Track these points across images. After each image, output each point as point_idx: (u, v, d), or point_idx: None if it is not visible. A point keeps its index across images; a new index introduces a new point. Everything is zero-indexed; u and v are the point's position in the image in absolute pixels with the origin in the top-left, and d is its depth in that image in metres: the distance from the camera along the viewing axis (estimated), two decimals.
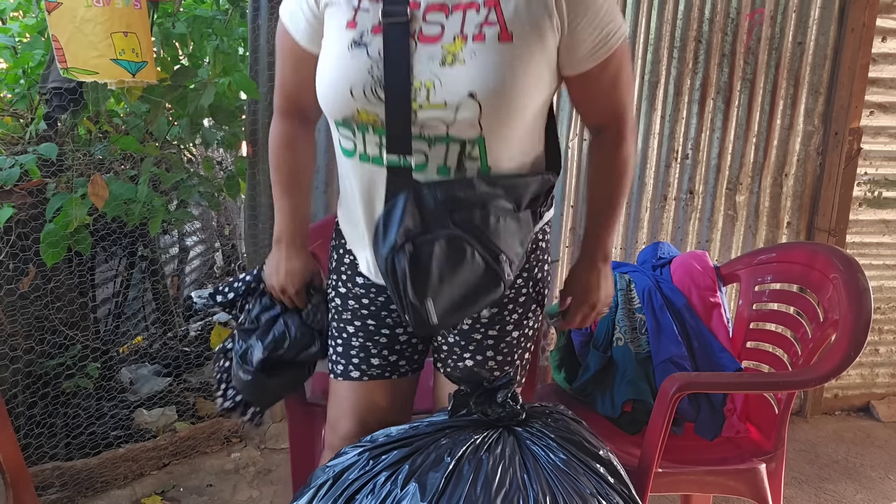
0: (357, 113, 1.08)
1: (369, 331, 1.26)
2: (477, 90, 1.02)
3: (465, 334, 1.25)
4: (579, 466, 1.04)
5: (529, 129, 1.13)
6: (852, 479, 2.31)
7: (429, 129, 1.05)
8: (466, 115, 1.03)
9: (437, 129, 1.05)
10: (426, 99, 1.04)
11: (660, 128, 2.43)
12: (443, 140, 1.06)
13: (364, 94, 1.06)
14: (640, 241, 2.51)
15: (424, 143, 1.07)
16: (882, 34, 2.50)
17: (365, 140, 1.11)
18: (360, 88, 1.06)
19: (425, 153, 1.07)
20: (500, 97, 1.04)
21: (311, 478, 1.11)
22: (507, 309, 1.23)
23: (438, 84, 1.04)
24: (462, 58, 1.03)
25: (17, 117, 2.08)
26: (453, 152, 1.07)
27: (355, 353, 1.27)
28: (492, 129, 1.06)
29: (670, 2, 2.33)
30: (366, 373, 1.27)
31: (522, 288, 1.23)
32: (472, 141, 1.07)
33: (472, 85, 1.03)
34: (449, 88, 1.03)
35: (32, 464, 1.95)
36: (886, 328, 2.79)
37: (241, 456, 2.28)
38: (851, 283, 1.43)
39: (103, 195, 1.91)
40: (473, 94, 1.02)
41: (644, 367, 1.71)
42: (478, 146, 1.07)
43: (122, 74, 1.75)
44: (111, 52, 1.71)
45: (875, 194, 2.65)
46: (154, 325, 2.81)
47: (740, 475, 1.49)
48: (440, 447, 1.04)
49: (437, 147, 1.07)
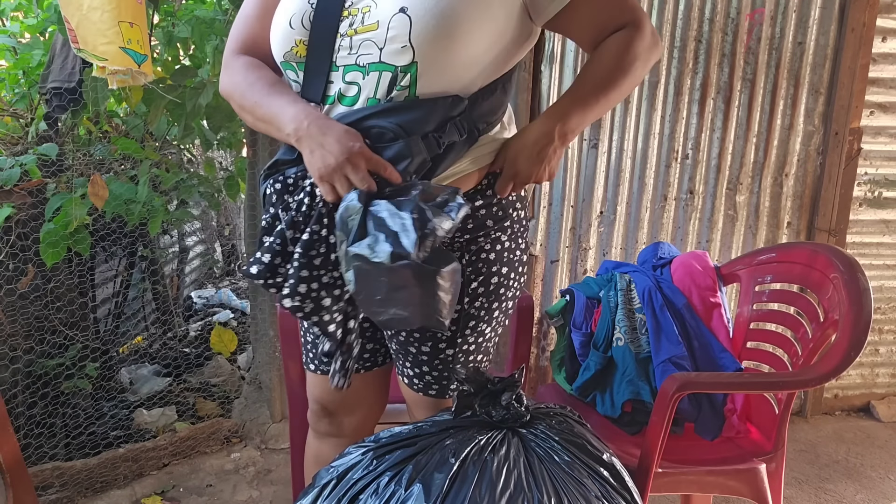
0: (296, 45, 1.08)
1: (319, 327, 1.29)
2: (408, 4, 1.00)
3: (402, 345, 1.24)
4: (584, 469, 1.04)
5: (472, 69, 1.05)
6: (852, 479, 2.31)
7: (363, 55, 1.03)
8: (396, 33, 1.00)
9: (370, 55, 1.03)
10: (361, 22, 1.03)
11: (660, 128, 2.43)
12: (375, 67, 1.03)
13: (301, 22, 1.07)
14: (640, 241, 2.51)
15: (359, 73, 1.05)
16: (882, 34, 2.50)
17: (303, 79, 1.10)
18: (298, 18, 1.07)
19: (359, 84, 1.05)
20: (433, 13, 0.99)
21: (315, 477, 1.11)
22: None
23: (374, 5, 1.03)
24: None
25: (17, 117, 2.08)
26: (384, 82, 1.03)
27: (309, 347, 1.33)
28: (425, 54, 1.00)
29: (670, 2, 2.33)
30: (319, 367, 1.32)
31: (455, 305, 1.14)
32: (404, 68, 1.01)
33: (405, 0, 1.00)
34: (382, 7, 1.02)
35: (32, 464, 1.95)
36: (886, 328, 2.79)
37: (241, 456, 2.28)
38: (852, 283, 1.43)
39: (103, 195, 1.91)
40: (405, 9, 1.00)
41: (644, 367, 1.70)
42: (410, 75, 1.02)
43: (130, 63, 1.75)
44: (120, 39, 1.71)
45: (875, 194, 2.65)
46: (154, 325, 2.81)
47: (740, 475, 1.49)
48: (444, 448, 1.04)
49: (370, 76, 1.04)
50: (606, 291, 1.78)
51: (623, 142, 2.41)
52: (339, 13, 1.04)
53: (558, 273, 2.48)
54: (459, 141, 1.07)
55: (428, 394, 1.26)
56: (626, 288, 1.77)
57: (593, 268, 2.49)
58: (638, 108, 2.40)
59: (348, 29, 1.04)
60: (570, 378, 1.81)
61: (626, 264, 1.91)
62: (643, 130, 2.42)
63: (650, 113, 2.41)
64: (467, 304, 1.18)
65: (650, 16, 2.33)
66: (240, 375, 2.67)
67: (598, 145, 2.40)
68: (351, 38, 1.04)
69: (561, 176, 2.40)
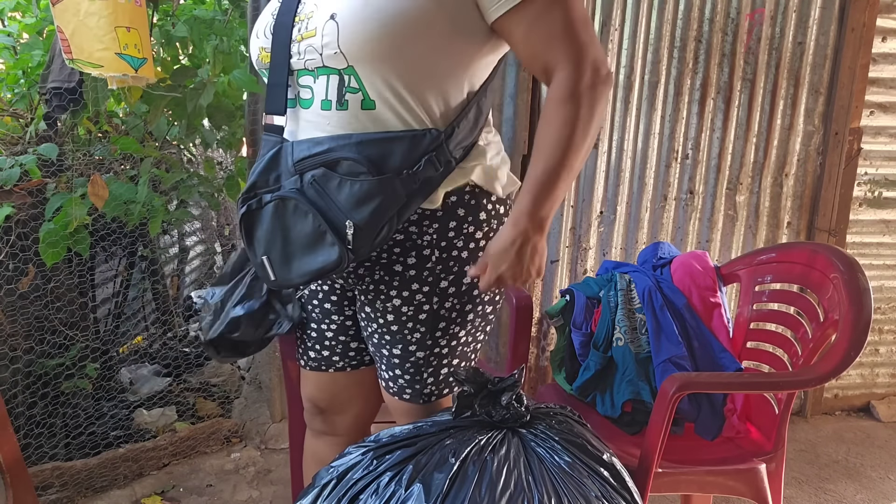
0: (260, 52, 1.15)
1: (303, 323, 1.34)
2: (338, 11, 1.02)
3: (377, 347, 1.24)
4: (584, 469, 1.04)
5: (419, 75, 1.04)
6: (852, 479, 2.31)
7: (309, 59, 1.07)
8: (328, 40, 1.03)
9: (314, 59, 1.07)
10: (306, 28, 1.07)
11: (660, 128, 2.43)
12: (323, 71, 1.07)
13: (265, 32, 1.13)
14: (640, 241, 2.51)
15: (310, 77, 1.09)
16: (882, 34, 2.50)
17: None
18: (262, 27, 1.14)
19: (311, 87, 1.09)
20: (359, 19, 0.99)
21: (315, 477, 1.11)
22: (406, 327, 1.16)
23: (316, 11, 1.06)
24: None
25: (16, 117, 2.08)
26: (333, 84, 1.06)
27: (298, 342, 1.38)
28: (357, 58, 1.01)
29: (670, 2, 2.33)
30: (307, 363, 1.36)
31: (424, 304, 1.14)
32: (346, 71, 1.04)
33: (334, 6, 1.03)
34: (318, 13, 1.05)
35: (32, 464, 1.95)
36: (886, 328, 2.79)
37: (241, 456, 2.28)
38: (852, 283, 1.43)
39: (103, 195, 1.91)
40: (334, 15, 1.02)
41: (644, 367, 1.71)
42: (353, 78, 1.04)
43: (126, 69, 1.75)
44: (116, 45, 1.71)
45: (875, 194, 2.65)
46: (154, 325, 2.80)
47: (740, 475, 1.49)
48: (444, 448, 1.04)
49: (320, 79, 1.08)
50: (606, 291, 1.78)
51: (623, 142, 2.41)
52: (292, 21, 1.09)
53: (558, 273, 2.48)
54: (436, 175, 1.07)
55: (402, 398, 1.24)
56: (626, 288, 1.77)
57: (593, 268, 2.49)
58: (638, 108, 2.40)
59: (297, 35, 1.08)
60: (570, 378, 1.80)
61: (626, 264, 1.91)
62: (643, 130, 2.42)
63: (650, 113, 2.41)
64: (436, 304, 1.14)
65: (650, 16, 2.33)
66: (240, 375, 2.67)
67: (598, 145, 2.40)
68: (299, 43, 1.08)
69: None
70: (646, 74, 2.37)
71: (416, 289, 1.13)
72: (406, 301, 1.14)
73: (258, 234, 1.10)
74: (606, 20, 2.30)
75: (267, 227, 1.09)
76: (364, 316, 1.22)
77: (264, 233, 1.10)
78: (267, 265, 1.11)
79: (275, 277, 1.11)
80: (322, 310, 1.30)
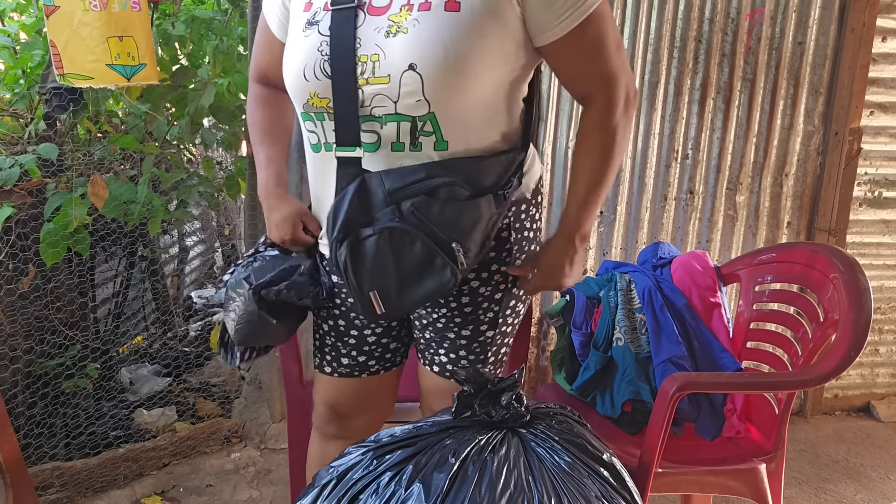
0: (311, 97, 1.08)
1: (339, 331, 1.29)
2: (418, 61, 0.99)
3: (440, 332, 1.25)
4: (584, 469, 1.04)
5: (490, 104, 1.08)
6: (852, 479, 2.31)
7: (377, 107, 1.03)
8: (409, 90, 1.00)
9: (385, 107, 1.03)
10: (372, 73, 1.02)
11: (660, 128, 2.43)
12: (392, 118, 1.03)
13: (314, 73, 1.06)
14: (640, 241, 2.51)
15: (376, 123, 1.05)
16: (882, 34, 2.50)
17: (324, 129, 1.10)
18: (311, 68, 1.06)
19: (377, 133, 1.05)
20: (443, 69, 0.99)
21: (315, 477, 1.11)
22: (481, 307, 1.21)
23: (383, 56, 1.01)
24: (405, 27, 1.00)
25: (16, 117, 2.08)
26: (405, 130, 1.04)
27: (328, 350, 1.32)
28: (440, 104, 1.02)
29: (670, 2, 2.33)
30: (336, 370, 1.33)
31: (500, 284, 1.20)
32: (422, 118, 1.03)
33: (413, 55, 0.99)
34: (391, 60, 1.00)
35: (32, 464, 1.95)
36: (886, 328, 2.79)
37: (241, 456, 2.28)
38: (852, 283, 1.43)
39: (103, 195, 1.91)
40: (414, 66, 0.99)
41: (644, 367, 1.70)
42: (430, 122, 1.04)
43: (116, 79, 1.77)
44: (107, 56, 1.73)
45: (875, 194, 2.65)
46: (154, 325, 2.80)
47: (740, 475, 1.49)
48: (444, 448, 1.04)
49: (388, 126, 1.04)
50: (606, 291, 1.78)
51: None
52: (354, 62, 1.03)
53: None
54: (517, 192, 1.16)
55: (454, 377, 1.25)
56: (626, 288, 1.77)
57: (593, 268, 2.49)
58: (638, 108, 2.40)
59: (360, 78, 1.03)
60: (570, 378, 1.81)
61: (626, 264, 1.91)
62: (643, 130, 2.42)
63: (650, 113, 2.41)
64: (511, 283, 1.22)
65: (650, 16, 2.33)
66: (240, 375, 2.67)
67: None
68: (363, 88, 1.03)
69: (561, 176, 2.40)
70: (646, 74, 2.37)
71: (495, 269, 1.19)
72: (485, 282, 1.19)
73: (363, 270, 1.06)
74: None
75: (372, 261, 1.05)
76: (432, 305, 1.23)
77: (370, 268, 1.05)
78: (375, 299, 1.08)
79: (384, 310, 1.09)
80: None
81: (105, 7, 1.71)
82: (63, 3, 1.69)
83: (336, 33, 1.03)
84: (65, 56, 1.72)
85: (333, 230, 1.06)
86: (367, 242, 1.04)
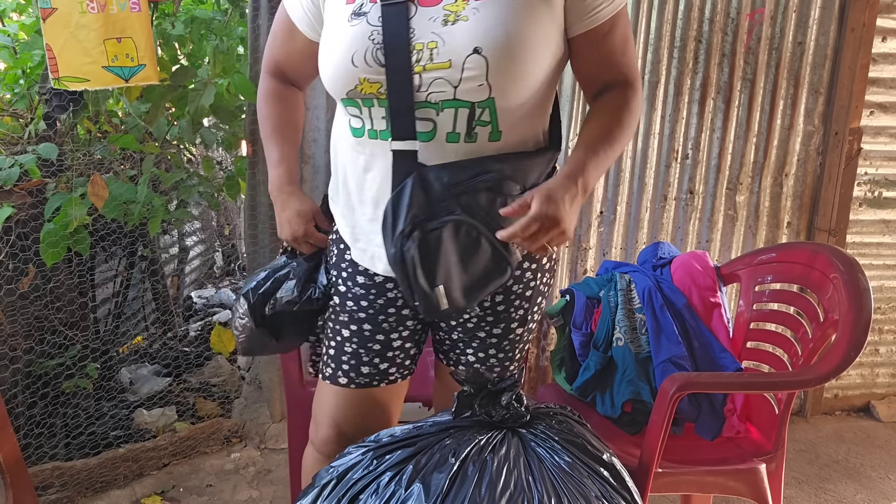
0: (360, 83, 1.06)
1: (364, 336, 1.23)
2: (482, 45, 1.00)
3: (470, 332, 1.25)
4: (584, 469, 1.04)
5: (539, 96, 1.10)
6: (852, 479, 2.31)
7: (435, 93, 1.03)
8: (473, 73, 1.01)
9: (444, 93, 1.03)
10: (430, 59, 1.02)
11: (660, 128, 2.43)
12: (450, 104, 1.04)
13: (365, 59, 1.04)
14: (640, 241, 2.51)
15: (432, 110, 1.05)
16: (882, 34, 2.50)
17: (371, 115, 1.09)
18: (361, 55, 1.05)
19: (433, 120, 1.05)
20: (507, 51, 1.02)
21: (315, 477, 1.11)
22: (513, 305, 1.23)
23: (441, 43, 1.02)
24: (465, 15, 1.02)
25: (16, 117, 2.08)
26: (462, 117, 1.05)
27: (346, 358, 1.25)
28: (501, 89, 1.03)
29: (670, 2, 2.33)
30: (354, 380, 1.25)
31: (531, 281, 1.22)
32: (481, 104, 1.04)
33: (477, 40, 1.01)
34: (453, 46, 1.01)
35: (32, 464, 1.95)
36: (886, 328, 2.79)
37: (241, 456, 2.28)
38: (852, 283, 1.43)
39: (103, 195, 1.91)
40: (479, 49, 1.00)
41: (644, 367, 1.70)
42: (488, 110, 1.05)
43: (114, 81, 1.77)
44: (103, 59, 1.73)
45: (875, 194, 2.65)
46: (154, 325, 2.81)
47: (740, 475, 1.49)
48: (444, 448, 1.04)
49: (445, 113, 1.04)
50: (606, 291, 1.78)
51: None
52: (409, 50, 1.03)
53: (558, 273, 2.48)
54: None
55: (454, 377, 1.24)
56: (626, 288, 1.77)
57: (593, 268, 2.49)
58: None
59: (416, 65, 1.03)
60: (570, 378, 1.80)
61: (626, 264, 1.91)
62: (643, 130, 2.42)
63: (650, 113, 2.41)
64: (540, 279, 1.24)
65: (650, 16, 2.33)
66: (240, 375, 2.67)
67: None
68: (420, 74, 1.03)
69: None
70: (646, 74, 2.37)
71: (526, 267, 1.20)
72: (517, 279, 1.20)
73: (431, 264, 1.05)
74: None
75: (440, 255, 1.04)
76: None
77: (438, 262, 1.05)
78: (441, 295, 1.06)
79: (448, 305, 1.07)
80: (399, 317, 1.23)
81: (103, 9, 1.71)
82: (60, 4, 1.69)
83: (389, 24, 1.03)
84: (61, 59, 1.72)
85: (397, 224, 1.04)
86: (432, 236, 1.04)
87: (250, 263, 2.37)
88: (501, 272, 1.09)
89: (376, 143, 1.10)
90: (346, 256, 1.24)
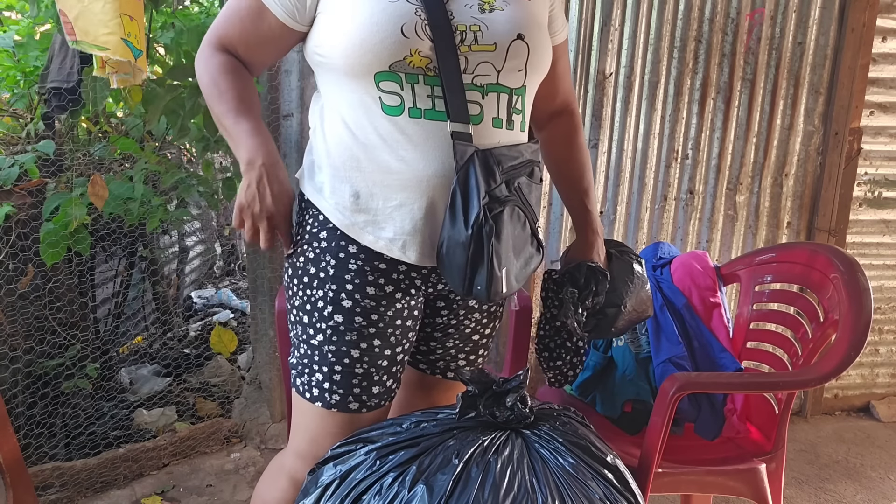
0: (410, 55, 1.02)
1: (374, 353, 1.14)
2: (525, 32, 1.08)
3: (466, 336, 1.26)
4: (588, 471, 1.04)
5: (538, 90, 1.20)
6: (852, 479, 2.31)
7: (480, 75, 1.06)
8: (515, 58, 1.07)
9: (488, 76, 1.06)
10: (475, 40, 1.05)
11: (660, 128, 2.43)
12: (493, 88, 1.07)
13: (416, 31, 1.02)
14: (640, 241, 2.51)
15: (477, 93, 1.07)
16: (882, 34, 2.50)
17: (414, 92, 1.04)
18: (411, 27, 1.01)
19: (479, 104, 1.07)
20: (543, 42, 1.11)
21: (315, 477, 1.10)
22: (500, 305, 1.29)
23: (485, 27, 1.06)
24: (499, 6, 1.08)
25: (16, 117, 2.08)
26: (503, 103, 1.09)
27: (357, 381, 1.15)
28: (532, 78, 1.12)
29: (670, 2, 2.33)
30: (365, 404, 1.16)
31: None
32: (517, 91, 1.10)
33: (520, 27, 1.07)
34: (496, 30, 1.06)
35: (32, 464, 1.95)
36: (886, 328, 2.79)
37: (241, 456, 2.28)
38: (852, 284, 1.43)
39: (103, 195, 1.91)
40: (522, 36, 1.07)
41: (644, 367, 1.71)
42: (521, 98, 1.11)
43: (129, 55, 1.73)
44: (121, 31, 1.70)
45: (875, 194, 2.65)
46: (154, 325, 2.80)
47: (740, 475, 1.49)
48: (448, 448, 1.03)
49: (489, 97, 1.07)
50: None
51: (623, 142, 2.41)
52: (452, 30, 1.03)
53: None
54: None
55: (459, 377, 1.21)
56: None
57: None
58: (638, 108, 2.40)
59: (461, 45, 1.04)
60: None
61: None
62: (643, 130, 2.42)
63: (650, 113, 2.41)
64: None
65: (650, 16, 2.33)
66: (240, 375, 2.67)
67: (598, 145, 2.40)
68: (466, 56, 1.05)
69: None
70: (646, 74, 2.37)
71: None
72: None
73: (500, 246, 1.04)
74: (606, 20, 2.30)
75: (505, 237, 1.04)
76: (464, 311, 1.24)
77: (506, 244, 1.05)
78: (504, 278, 1.05)
79: (507, 289, 1.06)
80: (403, 328, 1.16)
81: None
82: None
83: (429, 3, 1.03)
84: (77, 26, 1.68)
85: (469, 207, 1.02)
86: (501, 217, 1.04)
87: (250, 263, 2.36)
88: (539, 259, 1.14)
89: (419, 123, 1.05)
90: (350, 266, 1.11)
